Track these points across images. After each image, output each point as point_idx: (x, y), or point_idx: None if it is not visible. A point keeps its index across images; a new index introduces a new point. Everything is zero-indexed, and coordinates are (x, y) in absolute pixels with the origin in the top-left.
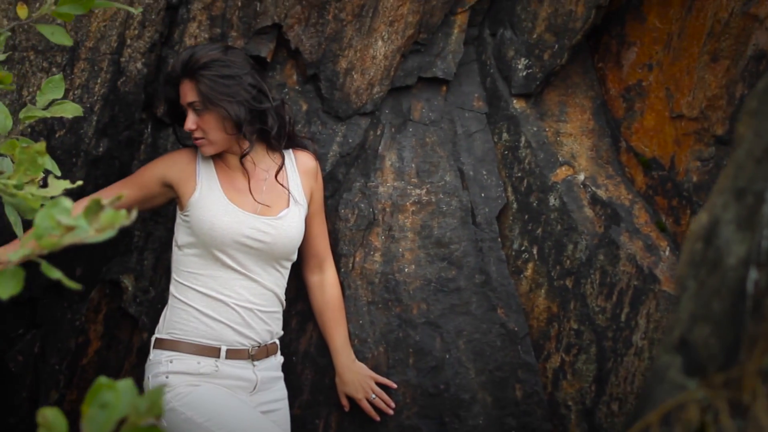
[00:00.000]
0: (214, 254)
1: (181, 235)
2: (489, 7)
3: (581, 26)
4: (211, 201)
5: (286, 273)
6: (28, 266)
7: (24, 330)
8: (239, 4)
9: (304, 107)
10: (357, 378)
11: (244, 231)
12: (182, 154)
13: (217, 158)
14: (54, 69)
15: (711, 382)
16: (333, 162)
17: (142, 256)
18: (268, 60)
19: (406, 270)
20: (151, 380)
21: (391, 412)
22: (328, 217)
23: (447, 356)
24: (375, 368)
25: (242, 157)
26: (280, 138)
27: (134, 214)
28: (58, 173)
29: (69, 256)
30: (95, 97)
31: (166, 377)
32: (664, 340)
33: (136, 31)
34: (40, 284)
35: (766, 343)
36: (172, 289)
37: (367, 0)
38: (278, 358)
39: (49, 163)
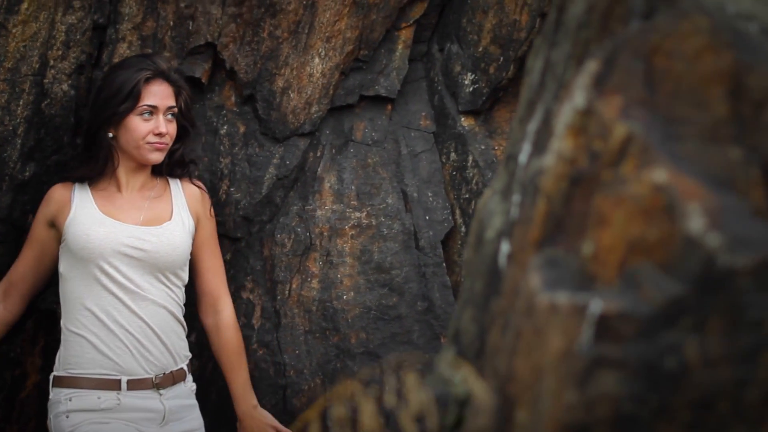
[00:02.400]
0: (98, 267)
1: (62, 264)
2: (437, 21)
3: (526, 36)
4: (85, 216)
5: (179, 292)
6: None
7: None
8: (171, 23)
9: (242, 129)
10: (258, 426)
11: (122, 239)
12: (55, 189)
13: (94, 184)
14: None
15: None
16: (270, 185)
17: None
18: (204, 81)
19: (345, 297)
20: (52, 421)
21: None
22: (265, 243)
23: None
24: (311, 401)
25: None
26: (185, 169)
27: None
28: None
29: None
30: (18, 120)
31: (67, 417)
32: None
33: (60, 52)
34: None
35: (501, 322)
36: (62, 322)
37: (303, 16)
38: (188, 385)
39: None
